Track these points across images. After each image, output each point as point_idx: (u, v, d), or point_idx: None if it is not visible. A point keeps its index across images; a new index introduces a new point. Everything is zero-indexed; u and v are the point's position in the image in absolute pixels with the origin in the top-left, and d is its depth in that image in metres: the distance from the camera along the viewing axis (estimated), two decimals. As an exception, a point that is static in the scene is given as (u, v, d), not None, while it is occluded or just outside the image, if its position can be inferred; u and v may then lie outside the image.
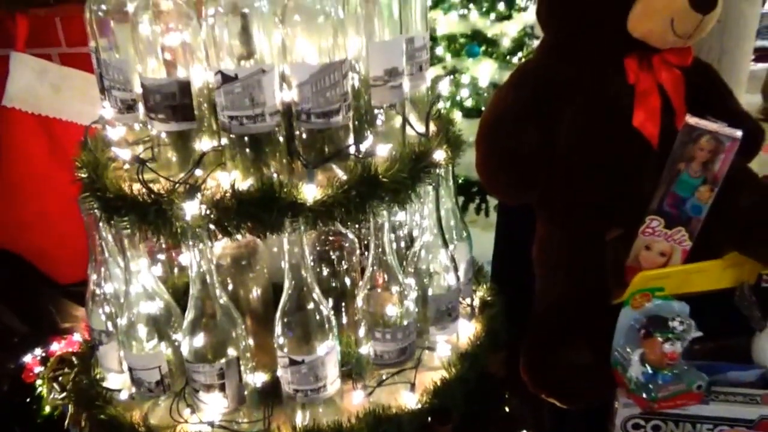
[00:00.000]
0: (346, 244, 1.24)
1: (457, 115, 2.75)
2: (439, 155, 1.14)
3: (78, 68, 1.75)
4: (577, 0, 1.38)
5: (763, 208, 1.35)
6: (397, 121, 1.13)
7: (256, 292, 1.27)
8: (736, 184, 1.36)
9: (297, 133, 1.02)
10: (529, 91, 1.45)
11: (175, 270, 1.42)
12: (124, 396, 1.17)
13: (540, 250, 1.54)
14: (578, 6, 1.38)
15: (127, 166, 1.09)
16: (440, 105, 1.32)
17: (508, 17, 2.88)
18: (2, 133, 1.68)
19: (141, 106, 1.07)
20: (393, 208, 1.07)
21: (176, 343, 1.12)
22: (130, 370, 1.11)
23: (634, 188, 1.40)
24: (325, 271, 1.26)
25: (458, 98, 2.75)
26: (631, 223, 1.42)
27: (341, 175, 1.02)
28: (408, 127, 1.14)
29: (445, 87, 1.52)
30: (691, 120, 1.33)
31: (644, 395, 1.29)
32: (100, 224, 1.14)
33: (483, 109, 2.71)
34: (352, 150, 1.04)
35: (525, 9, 2.94)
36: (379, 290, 1.14)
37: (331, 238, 1.25)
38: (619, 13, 1.33)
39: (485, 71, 2.77)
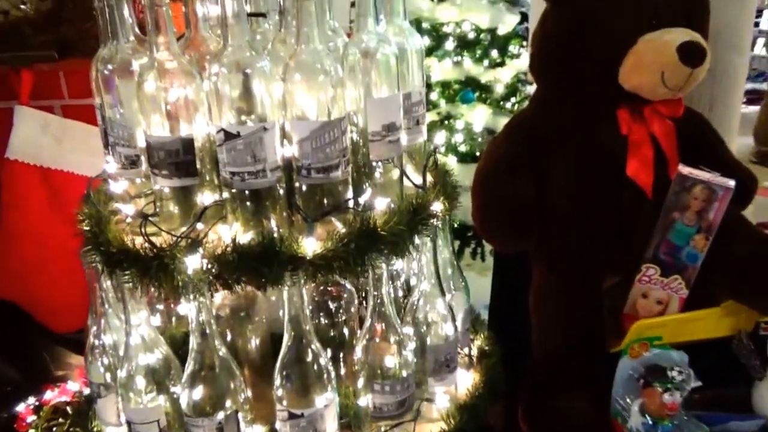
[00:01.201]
0: (345, 295, 1.25)
1: (451, 160, 2.78)
2: (437, 207, 1.16)
3: (80, 119, 1.78)
4: (568, 55, 1.42)
5: (759, 258, 1.36)
6: (395, 173, 1.15)
7: (254, 343, 1.27)
8: (731, 233, 1.37)
9: (297, 186, 1.04)
10: (522, 141, 1.48)
11: (173, 320, 1.42)
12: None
13: (536, 298, 1.55)
14: (570, 61, 1.42)
15: (129, 220, 1.10)
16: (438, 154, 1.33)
17: (501, 64, 2.94)
18: (4, 184, 1.70)
19: (144, 161, 1.09)
20: (392, 261, 1.08)
21: (175, 396, 1.12)
22: (129, 423, 1.11)
23: (629, 236, 1.42)
24: (324, 321, 1.26)
25: (453, 143, 2.78)
26: (628, 271, 1.43)
27: (340, 228, 1.03)
28: (405, 179, 1.16)
29: (441, 138, 1.55)
30: (684, 170, 1.36)
31: (645, 446, 1.29)
32: (102, 277, 1.15)
33: (478, 154, 2.76)
34: (351, 204, 1.05)
35: (518, 56, 3.01)
36: (377, 341, 1.14)
37: (329, 288, 1.26)
38: (610, 67, 1.36)
39: (479, 117, 2.81)
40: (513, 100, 3.03)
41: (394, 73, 1.07)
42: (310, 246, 0.99)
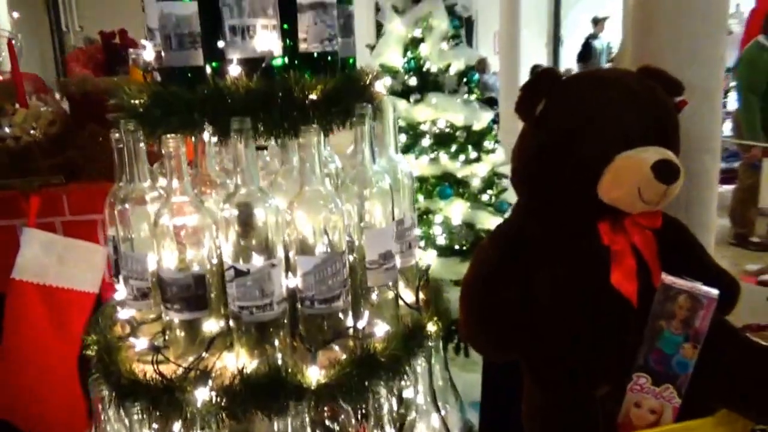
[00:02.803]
0: (342, 415, 1.27)
1: (431, 254, 2.82)
2: (431, 327, 1.21)
3: (79, 235, 1.84)
4: (548, 171, 1.49)
5: (746, 367, 1.40)
6: (390, 293, 1.20)
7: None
8: (717, 340, 1.41)
9: (300, 315, 1.08)
10: (505, 252, 1.53)
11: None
12: None
13: (529, 409, 1.57)
14: (550, 176, 1.49)
15: (138, 349, 1.13)
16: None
17: (477, 159, 3.05)
18: (8, 303, 1.73)
19: (153, 293, 1.14)
20: (391, 386, 1.11)
21: None
22: None
23: (617, 345, 1.46)
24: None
25: (432, 237, 2.84)
26: (619, 380, 1.46)
27: (341, 354, 1.08)
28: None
29: (419, 233, 1.63)
30: (667, 279, 1.41)
31: None
32: (108, 404, 1.17)
33: (457, 247, 2.82)
34: (351, 331, 1.10)
35: (493, 151, 3.13)
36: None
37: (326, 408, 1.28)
38: (589, 182, 1.44)
39: (457, 211, 2.88)
40: (489, 192, 3.13)
41: (388, 204, 1.14)
42: (314, 375, 1.03)
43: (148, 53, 1.17)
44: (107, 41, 2.21)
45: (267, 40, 1.04)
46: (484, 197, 3.01)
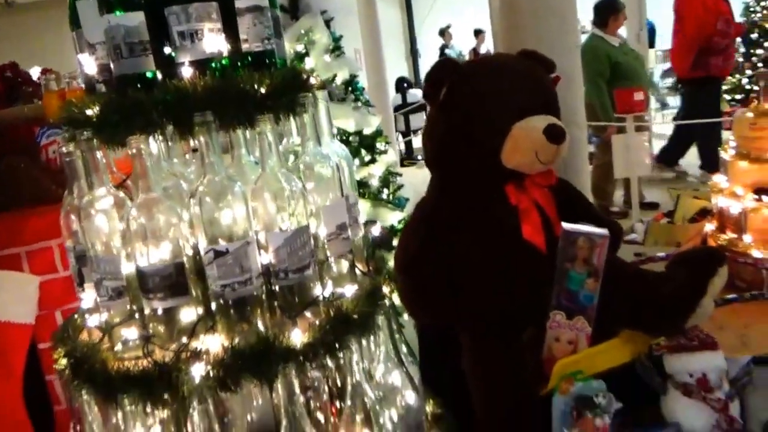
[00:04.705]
0: (316, 383, 1.37)
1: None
2: (386, 289, 1.35)
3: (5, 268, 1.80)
4: (457, 147, 1.69)
5: (638, 290, 1.66)
6: (344, 265, 1.33)
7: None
8: (613, 273, 1.66)
9: (275, 289, 1.19)
10: (426, 227, 1.71)
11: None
12: None
13: (469, 363, 1.75)
14: (459, 152, 1.69)
15: (119, 347, 1.18)
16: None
17: (373, 161, 3.25)
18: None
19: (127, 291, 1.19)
20: (363, 340, 1.24)
21: None
22: None
23: (535, 292, 1.67)
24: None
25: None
26: (541, 323, 1.67)
27: (315, 320, 1.19)
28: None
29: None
30: (567, 226, 1.65)
31: (591, 472, 1.49)
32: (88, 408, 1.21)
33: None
34: (321, 297, 1.22)
35: (385, 152, 3.33)
36: (357, 413, 1.28)
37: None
38: (493, 152, 1.65)
39: (361, 210, 3.05)
40: (387, 191, 3.32)
41: (337, 182, 1.27)
42: (297, 339, 1.14)
43: (89, 67, 1.23)
44: (1, 74, 2.17)
45: (214, 42, 1.14)
46: (384, 195, 3.19)
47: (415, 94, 8.99)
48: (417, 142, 8.19)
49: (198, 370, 1.08)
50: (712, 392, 1.54)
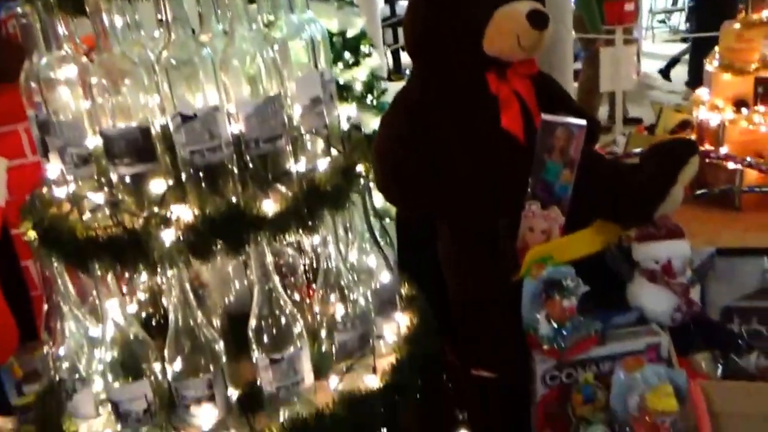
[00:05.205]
0: (291, 260, 1.39)
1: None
2: (360, 167, 1.34)
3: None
4: (439, 33, 1.65)
5: (612, 181, 1.66)
6: (319, 144, 1.31)
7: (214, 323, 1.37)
8: (588, 164, 1.66)
9: (246, 161, 1.17)
10: (406, 115, 1.69)
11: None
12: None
13: (445, 251, 1.77)
14: (440, 38, 1.66)
15: (88, 215, 1.17)
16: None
17: (356, 63, 3.17)
18: None
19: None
20: (336, 214, 1.24)
21: (152, 376, 1.20)
22: (116, 405, 1.17)
23: (511, 181, 1.67)
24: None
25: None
26: (516, 212, 1.68)
27: (288, 192, 1.18)
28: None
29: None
30: (546, 116, 1.64)
31: (555, 346, 1.54)
32: (59, 278, 1.21)
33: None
34: (294, 170, 1.20)
35: (369, 55, 3.26)
36: (334, 286, 1.30)
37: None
38: (475, 37, 1.61)
39: (342, 114, 3.01)
40: (371, 96, 3.27)
41: (310, 55, 1.24)
42: (269, 208, 1.13)
43: None
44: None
45: None
46: (368, 100, 3.15)
47: (405, 6, 8.70)
48: (405, 56, 8.04)
49: (168, 236, 1.07)
50: (676, 278, 1.58)
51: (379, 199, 1.67)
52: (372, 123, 3.07)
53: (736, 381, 1.52)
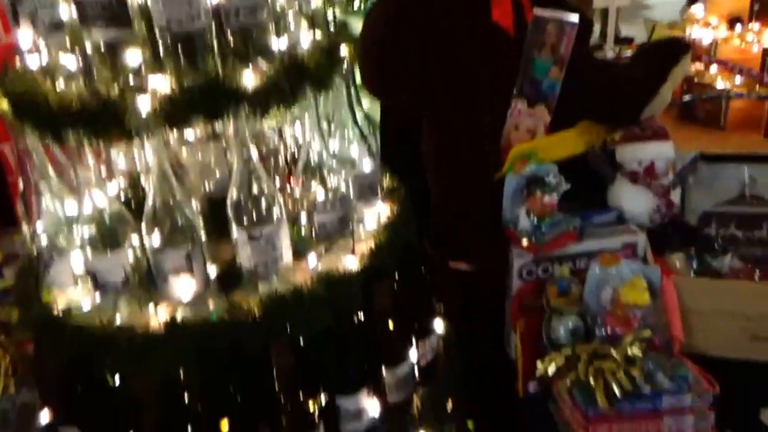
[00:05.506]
0: (272, 145, 1.37)
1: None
2: (344, 50, 1.30)
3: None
4: None
5: (601, 81, 1.64)
6: (304, 25, 1.27)
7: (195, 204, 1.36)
8: (578, 63, 1.64)
9: (227, 34, 1.13)
10: (395, 5, 1.64)
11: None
12: (86, 307, 1.21)
13: (429, 145, 1.76)
14: None
15: (61, 83, 1.13)
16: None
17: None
18: None
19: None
20: (318, 94, 1.21)
21: (131, 249, 1.20)
22: (93, 276, 1.17)
23: (499, 75, 1.64)
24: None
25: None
26: (501, 111, 1.66)
27: (270, 69, 1.15)
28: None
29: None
30: (538, 11, 1.60)
31: (534, 241, 1.55)
32: (34, 154, 1.19)
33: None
34: (277, 48, 1.17)
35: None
36: (315, 170, 1.29)
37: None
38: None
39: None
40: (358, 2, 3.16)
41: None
42: (248, 83, 1.10)
43: None
44: None
45: None
46: (355, 6, 3.04)
47: None
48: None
49: (144, 105, 1.05)
50: (658, 179, 1.59)
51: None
52: (359, 28, 2.99)
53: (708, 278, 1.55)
